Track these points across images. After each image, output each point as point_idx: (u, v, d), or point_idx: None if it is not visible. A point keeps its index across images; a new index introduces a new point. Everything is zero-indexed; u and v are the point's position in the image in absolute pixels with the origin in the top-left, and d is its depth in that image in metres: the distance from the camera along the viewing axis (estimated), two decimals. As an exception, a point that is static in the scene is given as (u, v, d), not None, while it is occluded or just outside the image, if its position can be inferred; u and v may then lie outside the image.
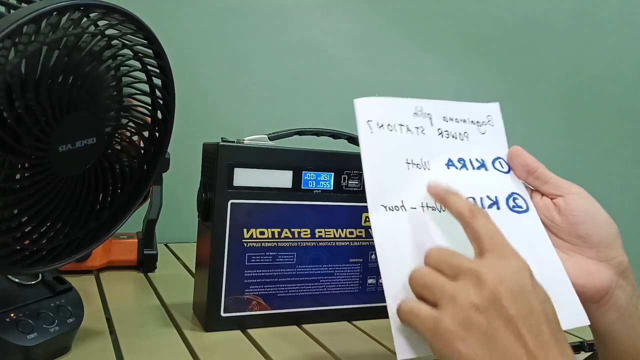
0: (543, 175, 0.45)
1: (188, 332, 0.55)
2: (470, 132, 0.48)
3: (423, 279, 0.37)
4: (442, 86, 1.29)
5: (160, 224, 0.81)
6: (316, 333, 0.57)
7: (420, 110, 0.46)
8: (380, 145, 0.43)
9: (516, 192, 0.45)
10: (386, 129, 0.44)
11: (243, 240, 0.55)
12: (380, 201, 0.42)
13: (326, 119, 0.78)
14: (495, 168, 0.47)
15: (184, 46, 1.04)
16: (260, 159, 0.56)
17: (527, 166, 0.45)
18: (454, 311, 0.33)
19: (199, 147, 0.59)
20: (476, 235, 0.37)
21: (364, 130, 0.43)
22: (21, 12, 0.34)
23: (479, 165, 0.46)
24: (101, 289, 0.68)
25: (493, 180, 0.46)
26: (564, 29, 1.42)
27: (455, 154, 0.46)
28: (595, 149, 1.47)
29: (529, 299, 0.33)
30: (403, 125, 0.45)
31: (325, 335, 0.57)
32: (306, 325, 0.59)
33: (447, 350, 0.33)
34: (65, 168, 0.41)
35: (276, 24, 1.13)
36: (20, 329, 0.42)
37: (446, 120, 0.47)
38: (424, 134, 0.45)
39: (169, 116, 0.48)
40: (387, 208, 0.42)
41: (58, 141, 0.39)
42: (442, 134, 0.46)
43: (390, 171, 0.43)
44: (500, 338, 0.32)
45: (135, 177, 0.48)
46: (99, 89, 0.41)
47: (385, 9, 1.23)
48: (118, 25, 0.41)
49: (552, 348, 0.32)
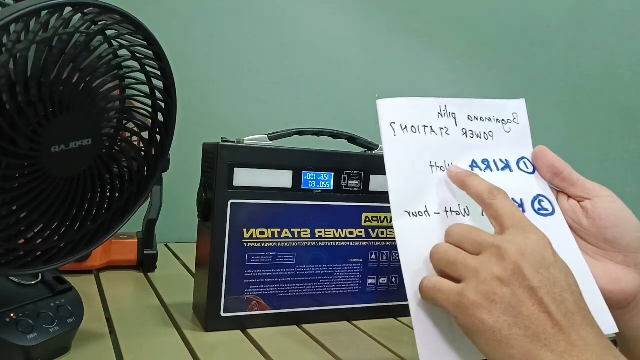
0: (570, 177, 0.44)
1: (188, 332, 0.55)
2: (495, 130, 0.46)
3: (446, 254, 0.37)
4: (443, 86, 1.29)
5: (160, 224, 0.81)
6: (316, 333, 0.57)
7: (444, 110, 0.45)
8: (404, 148, 0.42)
9: (542, 194, 0.44)
10: (410, 131, 0.43)
11: (243, 240, 0.55)
12: (404, 207, 0.41)
13: (326, 119, 0.78)
14: (520, 169, 0.46)
15: (184, 46, 1.04)
16: (260, 159, 0.56)
17: (552, 167, 0.44)
18: (477, 284, 0.34)
19: (199, 147, 0.59)
20: (496, 214, 0.37)
21: (387, 133, 0.42)
22: (11, 10, 0.34)
23: (504, 166, 0.45)
24: (101, 289, 0.68)
25: (518, 182, 0.44)
26: (564, 29, 1.41)
27: (479, 154, 0.45)
28: (596, 149, 1.47)
29: (550, 270, 0.34)
30: (427, 127, 0.44)
31: (325, 335, 0.57)
32: (306, 325, 0.59)
33: (472, 320, 0.33)
34: (59, 169, 0.40)
35: (276, 24, 1.13)
36: (20, 329, 0.42)
37: (471, 119, 0.46)
38: (448, 134, 0.44)
39: (170, 119, 0.48)
40: (410, 214, 0.41)
41: (50, 141, 0.39)
42: (467, 133, 0.45)
43: (414, 176, 0.42)
44: (524, 307, 0.32)
45: (134, 180, 0.48)
46: (95, 89, 0.41)
47: (386, 9, 1.23)
48: (115, 26, 0.41)
49: (576, 316, 0.32)
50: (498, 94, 1.52)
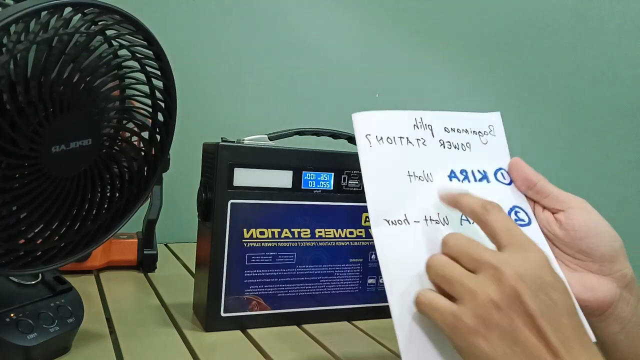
0: (543, 189, 0.44)
1: (188, 332, 0.55)
2: (472, 142, 0.47)
3: (442, 269, 0.36)
4: (443, 86, 1.29)
5: (160, 224, 0.81)
6: (316, 333, 0.57)
7: (420, 122, 0.45)
8: (381, 158, 0.43)
9: (518, 205, 0.45)
10: (386, 142, 0.43)
11: (243, 240, 0.55)
12: (383, 215, 0.41)
13: (326, 119, 0.78)
14: (498, 180, 0.46)
15: (184, 46, 1.04)
16: (260, 159, 0.56)
17: (526, 180, 0.45)
18: (474, 307, 0.33)
19: (199, 147, 0.59)
20: (492, 232, 0.37)
21: (363, 145, 0.42)
22: (11, 10, 0.34)
23: (481, 177, 0.46)
24: (101, 289, 0.68)
25: (495, 193, 0.45)
26: (564, 30, 1.41)
27: (457, 165, 0.45)
28: (596, 149, 1.47)
29: (550, 293, 0.33)
30: (403, 138, 0.44)
31: (325, 335, 0.57)
32: (306, 325, 0.59)
33: (468, 346, 0.33)
34: (59, 169, 0.40)
35: (276, 24, 1.13)
36: (20, 329, 0.42)
37: (447, 130, 0.46)
38: (425, 145, 0.45)
39: (170, 119, 0.48)
40: (390, 222, 0.41)
41: (51, 141, 0.38)
42: (444, 144, 0.46)
43: (392, 185, 0.42)
44: (522, 335, 0.32)
45: (134, 180, 0.48)
46: (96, 89, 0.41)
47: (386, 9, 1.23)
48: (115, 26, 0.41)
49: (574, 342, 0.32)
50: (498, 93, 1.52)
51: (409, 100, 1.25)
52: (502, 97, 1.36)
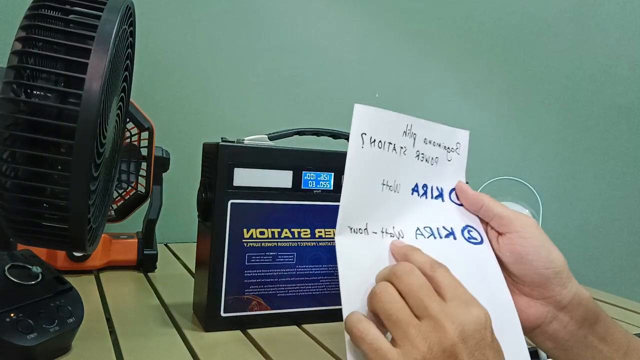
0: (487, 211, 0.45)
1: (188, 332, 0.55)
2: (440, 157, 0.47)
3: (389, 307, 0.36)
4: (442, 87, 1.29)
5: (160, 224, 0.81)
6: (316, 333, 0.57)
7: (409, 129, 0.45)
8: (366, 163, 0.42)
9: (470, 225, 0.46)
10: (376, 145, 0.43)
11: (243, 240, 0.55)
12: (348, 222, 0.41)
13: (326, 119, 0.78)
14: (451, 199, 0.47)
15: (184, 46, 1.04)
16: (260, 159, 0.56)
17: (471, 204, 0.46)
18: (412, 356, 0.34)
19: (199, 147, 0.59)
20: (437, 286, 0.37)
21: (355, 143, 0.42)
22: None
23: (438, 194, 0.47)
24: (101, 289, 0.68)
25: (449, 211, 0.46)
26: (563, 30, 1.42)
27: (422, 179, 0.46)
28: (595, 148, 1.47)
29: (485, 351, 0.34)
30: (391, 144, 0.44)
31: (325, 335, 0.57)
32: (306, 325, 0.59)
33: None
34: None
35: (276, 24, 1.13)
36: (20, 329, 0.42)
37: (426, 142, 0.46)
38: (405, 154, 0.45)
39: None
40: (352, 230, 0.41)
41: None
42: (419, 156, 0.46)
43: (367, 191, 0.42)
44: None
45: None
46: None
47: (385, 9, 1.23)
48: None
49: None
50: (498, 93, 1.52)
51: (409, 100, 1.25)
52: (502, 97, 1.36)
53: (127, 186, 0.78)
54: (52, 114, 0.36)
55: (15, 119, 0.36)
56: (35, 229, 0.39)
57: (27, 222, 0.39)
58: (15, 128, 0.36)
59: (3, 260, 0.47)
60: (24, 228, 0.39)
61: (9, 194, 0.37)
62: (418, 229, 0.44)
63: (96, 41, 0.37)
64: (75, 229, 0.39)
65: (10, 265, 0.47)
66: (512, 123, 1.37)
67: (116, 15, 0.39)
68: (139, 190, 0.79)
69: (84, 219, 0.39)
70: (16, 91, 0.36)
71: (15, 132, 0.36)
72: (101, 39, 0.37)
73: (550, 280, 0.42)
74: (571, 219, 1.44)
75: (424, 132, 0.46)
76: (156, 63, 0.99)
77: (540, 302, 0.43)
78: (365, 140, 0.42)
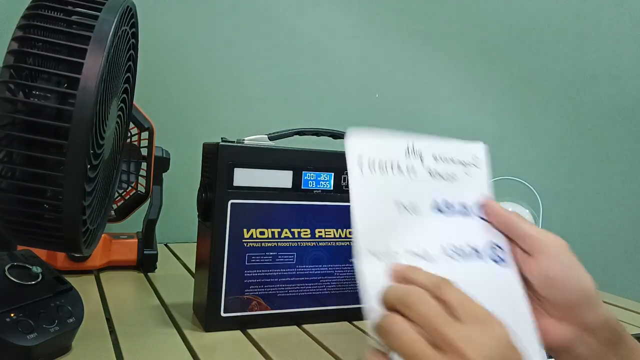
0: (516, 230, 0.44)
1: (188, 332, 0.55)
2: (457, 173, 0.46)
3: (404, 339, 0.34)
4: (443, 87, 1.29)
5: (160, 224, 0.81)
6: (316, 333, 0.57)
7: (412, 149, 0.44)
8: (371, 186, 0.42)
9: (496, 243, 0.44)
10: (377, 169, 0.43)
11: (243, 240, 0.55)
12: (366, 245, 0.40)
13: (326, 119, 0.78)
14: (477, 215, 0.46)
15: (185, 47, 1.04)
16: (260, 159, 0.56)
17: (499, 222, 0.45)
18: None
19: (199, 147, 0.59)
20: (448, 307, 0.36)
21: (354, 171, 0.42)
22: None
23: (463, 210, 0.45)
24: (101, 289, 0.68)
25: (475, 228, 0.45)
26: (564, 31, 1.42)
27: (442, 197, 0.45)
28: (596, 148, 1.47)
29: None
30: (394, 166, 0.43)
31: (325, 335, 0.57)
32: (306, 325, 0.59)
33: None
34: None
35: (277, 24, 1.13)
36: (20, 329, 0.42)
37: (436, 159, 0.45)
38: (414, 174, 0.44)
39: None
40: (372, 253, 0.40)
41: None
42: (432, 174, 0.45)
43: (380, 215, 0.42)
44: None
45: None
46: None
47: (387, 9, 1.23)
48: None
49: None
50: (498, 94, 1.52)
51: (409, 100, 1.25)
52: (503, 98, 1.36)
53: (127, 186, 0.78)
54: (51, 115, 0.36)
55: (12, 118, 0.36)
56: (31, 230, 0.39)
57: (24, 222, 0.39)
58: (12, 128, 0.36)
59: (3, 260, 0.47)
60: (20, 229, 0.39)
61: (5, 195, 0.37)
62: (442, 247, 0.43)
63: (92, 41, 0.37)
64: (70, 230, 0.39)
65: (10, 265, 0.47)
66: (512, 123, 1.37)
67: (114, 15, 0.38)
68: (139, 190, 0.79)
69: (78, 220, 0.39)
70: (13, 91, 0.36)
71: (11, 132, 0.36)
72: (97, 39, 0.37)
73: (581, 305, 0.41)
74: (571, 219, 1.44)
75: (431, 150, 0.45)
76: (156, 63, 0.99)
77: (567, 324, 0.42)
78: (363, 167, 0.42)
